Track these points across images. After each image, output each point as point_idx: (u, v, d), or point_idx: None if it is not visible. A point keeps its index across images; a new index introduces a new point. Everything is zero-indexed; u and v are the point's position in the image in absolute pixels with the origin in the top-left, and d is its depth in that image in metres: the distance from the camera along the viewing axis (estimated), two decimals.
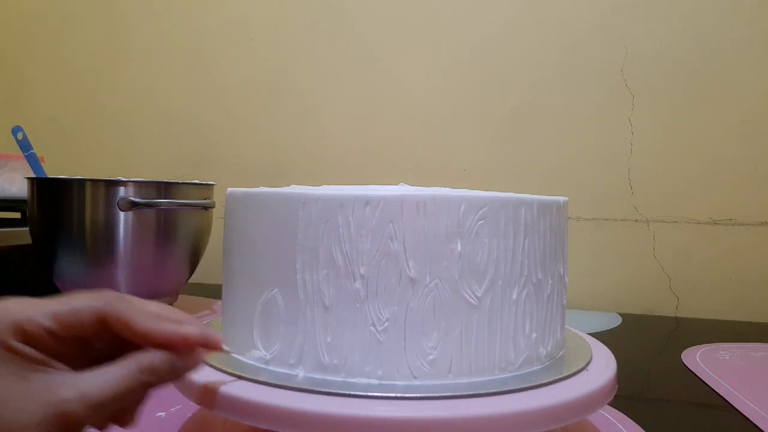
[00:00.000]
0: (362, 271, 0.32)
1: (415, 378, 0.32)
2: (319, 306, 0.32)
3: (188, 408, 0.44)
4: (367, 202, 0.32)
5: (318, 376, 0.32)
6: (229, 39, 1.12)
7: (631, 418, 0.45)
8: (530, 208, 0.35)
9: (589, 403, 0.32)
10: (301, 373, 0.32)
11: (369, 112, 1.05)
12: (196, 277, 0.83)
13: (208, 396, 0.31)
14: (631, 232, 0.94)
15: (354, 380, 0.32)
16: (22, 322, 0.24)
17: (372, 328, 0.32)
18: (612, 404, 0.44)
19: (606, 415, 0.45)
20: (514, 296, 0.34)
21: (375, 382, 0.32)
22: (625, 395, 0.39)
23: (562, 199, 0.38)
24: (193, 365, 0.28)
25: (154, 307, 0.28)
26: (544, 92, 0.97)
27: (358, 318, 0.32)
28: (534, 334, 0.35)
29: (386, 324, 0.32)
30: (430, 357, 0.32)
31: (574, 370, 0.35)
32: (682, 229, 0.93)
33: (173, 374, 0.27)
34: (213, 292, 0.90)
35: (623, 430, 0.43)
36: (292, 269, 0.33)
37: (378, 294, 0.32)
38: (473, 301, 0.33)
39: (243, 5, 1.11)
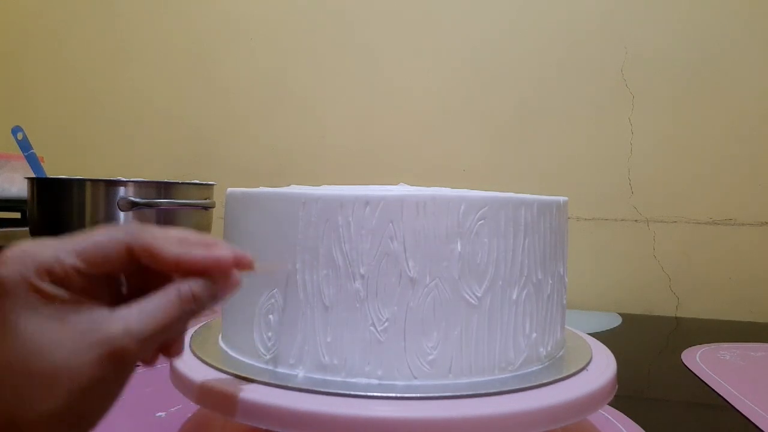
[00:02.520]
0: (362, 271, 0.32)
1: (415, 378, 0.32)
2: (319, 306, 0.32)
3: (188, 408, 0.44)
4: (367, 202, 0.32)
5: (318, 376, 0.32)
6: (229, 39, 1.12)
7: (631, 418, 0.45)
8: (530, 208, 0.35)
9: (589, 403, 0.32)
10: (301, 373, 0.32)
11: (369, 112, 1.05)
12: None
13: (208, 396, 0.31)
14: (631, 232, 0.94)
15: (354, 380, 0.32)
16: (48, 263, 0.23)
17: (372, 328, 0.32)
18: (612, 404, 0.44)
19: (606, 415, 0.45)
20: (514, 296, 0.34)
21: (375, 382, 0.32)
22: (625, 395, 0.39)
23: (562, 199, 0.38)
24: (232, 287, 0.27)
25: (178, 233, 0.26)
26: (544, 92, 0.97)
27: (358, 318, 0.32)
28: (534, 334, 0.35)
29: (386, 324, 0.32)
30: (430, 357, 0.32)
31: (574, 370, 0.35)
32: (682, 229, 0.93)
33: (214, 299, 0.26)
34: None
35: (623, 430, 0.43)
36: (293, 269, 0.33)
37: (378, 294, 0.32)
38: (473, 301, 0.33)
39: (243, 5, 1.11)
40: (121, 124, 1.19)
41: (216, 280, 0.26)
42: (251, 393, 0.30)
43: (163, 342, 0.26)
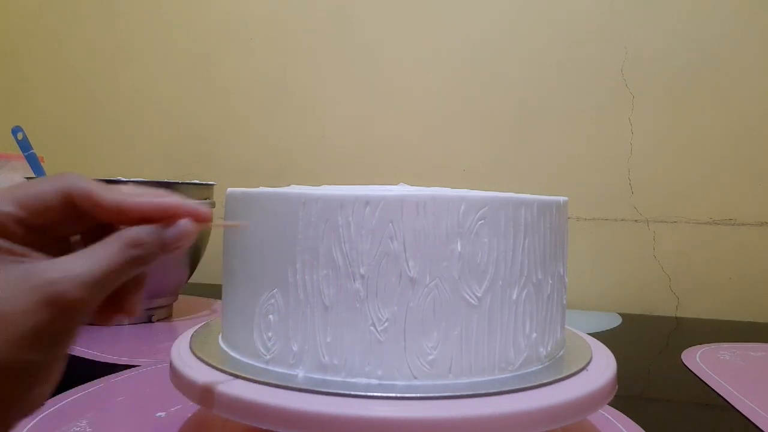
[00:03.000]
0: (362, 271, 0.32)
1: (415, 378, 0.32)
2: (319, 306, 0.32)
3: (188, 408, 0.44)
4: (367, 202, 0.32)
5: (318, 376, 0.32)
6: (229, 39, 1.12)
7: (631, 418, 0.45)
8: (530, 208, 0.35)
9: (589, 403, 0.32)
10: (301, 373, 0.32)
11: (369, 112, 1.05)
12: (196, 277, 0.83)
13: (208, 396, 0.31)
14: (631, 232, 0.94)
15: (354, 380, 0.32)
16: None
17: (372, 328, 0.32)
18: (612, 404, 0.44)
19: (606, 415, 0.45)
20: (514, 296, 0.34)
21: (375, 382, 0.32)
22: (625, 395, 0.39)
23: (562, 199, 0.38)
24: (183, 236, 0.25)
25: (127, 187, 0.25)
26: (544, 92, 0.97)
27: (358, 318, 0.32)
28: (534, 334, 0.35)
29: (386, 324, 0.32)
30: (430, 357, 0.32)
31: (574, 370, 0.35)
32: (682, 229, 0.93)
33: (163, 246, 0.25)
34: (213, 292, 0.90)
35: (623, 430, 0.43)
36: (292, 269, 0.33)
37: (378, 294, 0.32)
38: (473, 301, 0.33)
39: (243, 5, 1.11)
40: (121, 124, 1.19)
41: (164, 227, 0.25)
42: (251, 393, 0.30)
43: (117, 299, 0.25)
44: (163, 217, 0.25)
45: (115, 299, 0.25)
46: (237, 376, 0.32)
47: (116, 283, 0.24)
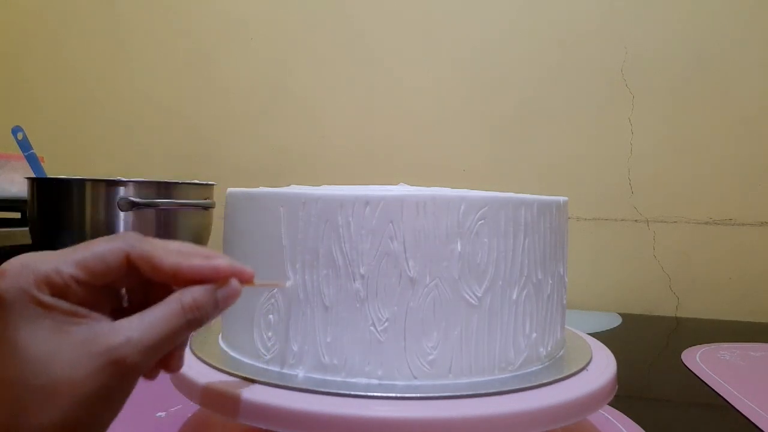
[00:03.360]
0: (362, 271, 0.32)
1: (415, 378, 0.32)
2: (319, 306, 0.32)
3: (188, 408, 0.44)
4: (367, 202, 0.32)
5: (318, 376, 0.32)
6: (229, 39, 1.12)
7: (631, 418, 0.45)
8: (530, 208, 0.35)
9: (589, 403, 0.32)
10: (301, 373, 0.32)
11: (369, 112, 1.05)
12: None
13: (208, 396, 0.31)
14: (631, 232, 0.94)
15: (354, 380, 0.32)
16: (48, 274, 0.23)
17: (372, 328, 0.32)
18: (612, 404, 0.44)
19: (606, 415, 0.45)
20: (514, 296, 0.34)
21: (375, 382, 0.32)
22: (625, 395, 0.39)
23: (562, 199, 0.38)
24: (232, 296, 0.27)
25: (177, 245, 0.27)
26: (544, 92, 0.97)
27: (358, 318, 0.32)
28: (534, 334, 0.35)
29: (386, 324, 0.32)
30: (431, 357, 0.32)
31: (574, 370, 0.35)
32: (682, 229, 0.93)
33: (217, 308, 0.26)
34: None
35: (623, 430, 0.43)
36: (293, 269, 0.33)
37: (378, 294, 0.32)
38: (473, 301, 0.33)
39: (243, 5, 1.11)
40: (121, 124, 1.19)
41: (217, 288, 0.26)
42: (251, 393, 0.30)
43: (165, 355, 0.26)
44: (214, 279, 0.26)
45: (163, 356, 0.26)
46: (237, 376, 0.32)
47: (172, 344, 0.25)
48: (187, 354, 0.36)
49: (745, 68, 0.90)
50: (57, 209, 0.69)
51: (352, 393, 0.30)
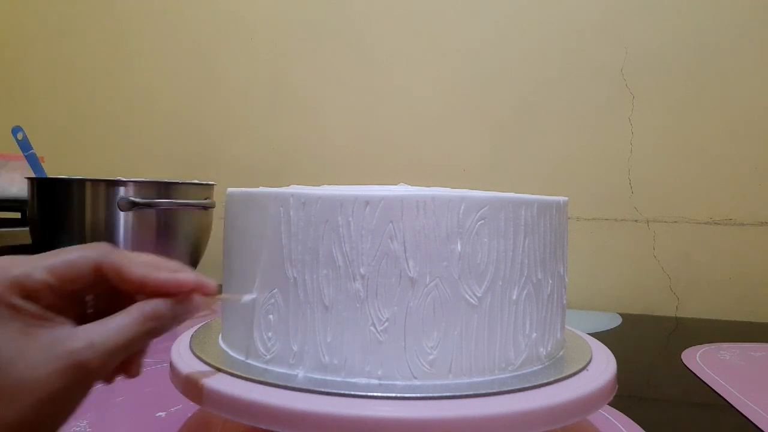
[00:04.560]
0: (362, 271, 0.32)
1: (415, 378, 0.32)
2: (319, 306, 0.32)
3: (188, 408, 0.44)
4: (367, 202, 0.32)
5: (318, 376, 0.32)
6: (229, 39, 1.12)
7: (631, 418, 0.45)
8: (530, 208, 0.35)
9: (589, 403, 0.32)
10: (301, 373, 0.32)
11: (369, 111, 1.05)
12: None
13: (207, 396, 0.31)
14: (631, 232, 0.94)
15: (354, 380, 0.32)
16: (20, 279, 0.24)
17: (372, 328, 0.32)
18: (612, 404, 0.44)
19: (606, 415, 0.45)
20: (514, 296, 0.34)
21: (375, 382, 0.32)
22: (625, 395, 0.39)
23: (562, 199, 0.38)
24: (192, 310, 0.28)
25: (146, 257, 0.28)
26: (544, 92, 0.97)
27: (358, 318, 0.32)
28: (534, 334, 0.35)
29: (386, 324, 0.32)
30: (431, 357, 0.32)
31: (574, 370, 0.34)
32: (682, 229, 0.93)
33: (175, 320, 0.28)
34: None
35: (623, 430, 0.43)
36: (292, 269, 0.33)
37: (378, 294, 0.32)
38: (473, 301, 0.33)
39: (243, 5, 1.11)
40: (121, 124, 1.19)
41: (178, 301, 0.28)
42: (251, 393, 0.30)
43: (124, 361, 0.27)
44: (177, 292, 0.28)
45: (123, 362, 0.27)
46: (237, 376, 0.32)
47: (132, 350, 0.26)
48: (187, 354, 0.36)
49: (745, 68, 0.90)
50: (57, 209, 0.70)
51: (352, 393, 0.30)
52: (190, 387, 0.32)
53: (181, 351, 0.37)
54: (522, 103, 0.98)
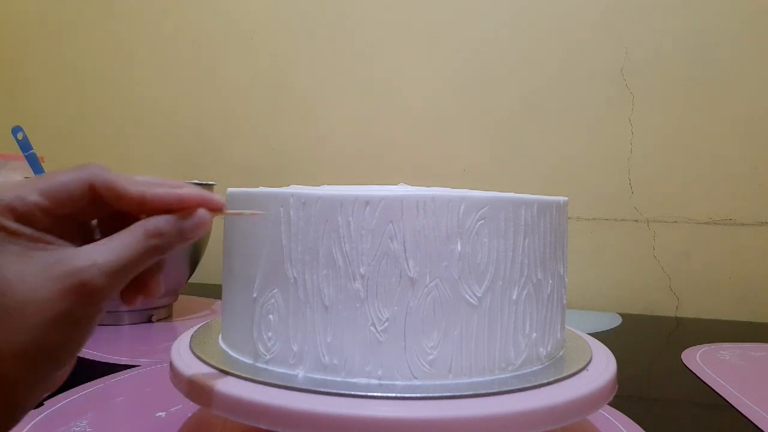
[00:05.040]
0: (362, 271, 0.32)
1: (415, 378, 0.32)
2: (319, 306, 0.32)
3: (188, 408, 0.44)
4: (367, 202, 0.32)
5: (318, 376, 0.32)
6: (230, 39, 1.12)
7: (631, 418, 0.45)
8: (530, 208, 0.35)
9: (589, 403, 0.32)
10: (301, 373, 0.32)
11: (369, 112, 1.05)
12: (196, 277, 0.83)
13: (207, 396, 0.31)
14: (631, 232, 0.94)
15: (354, 380, 0.32)
16: (11, 202, 0.23)
17: (372, 328, 0.32)
18: (612, 404, 0.44)
19: (606, 415, 0.45)
20: (514, 296, 0.34)
21: (375, 382, 0.32)
22: (625, 395, 0.39)
23: (562, 199, 0.38)
24: (199, 226, 0.27)
25: (143, 177, 0.27)
26: (544, 92, 0.97)
27: (358, 318, 0.32)
28: (534, 334, 0.35)
29: (386, 324, 0.32)
30: (430, 357, 0.32)
31: (574, 370, 0.35)
32: (682, 229, 0.93)
33: (181, 236, 0.26)
34: (213, 292, 0.90)
35: (623, 430, 0.43)
36: (292, 269, 0.33)
37: (378, 294, 0.32)
38: (473, 301, 0.33)
39: (243, 5, 1.11)
40: (121, 124, 1.19)
41: (182, 217, 0.26)
42: (251, 393, 0.30)
43: (140, 281, 0.26)
44: (181, 208, 0.26)
45: (137, 282, 0.27)
46: (237, 376, 0.32)
47: (137, 270, 0.25)
48: (187, 354, 0.36)
49: (745, 68, 0.90)
50: None
51: (353, 393, 0.30)
52: (191, 387, 0.32)
53: (181, 351, 0.37)
54: (522, 103, 0.98)
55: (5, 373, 0.22)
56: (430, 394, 0.30)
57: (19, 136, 0.77)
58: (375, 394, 0.30)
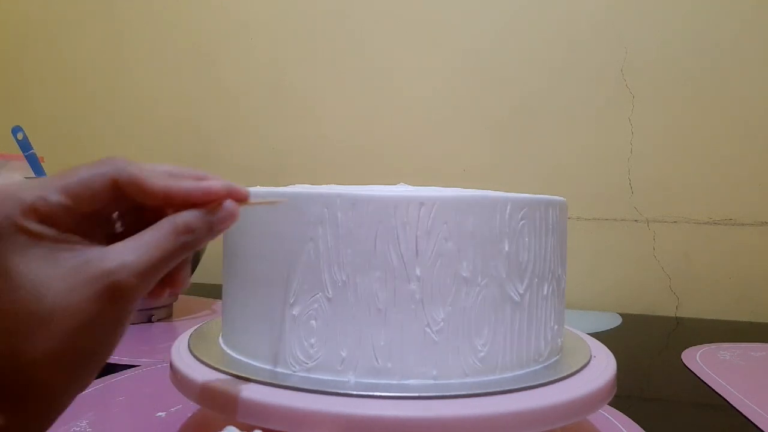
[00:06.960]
0: (418, 272, 0.32)
1: (467, 376, 0.32)
2: (371, 309, 0.32)
3: (188, 408, 0.44)
4: (421, 203, 0.31)
5: (371, 380, 0.32)
6: (230, 39, 1.12)
7: (631, 418, 0.45)
8: (555, 208, 0.37)
9: (589, 403, 0.32)
10: (352, 379, 0.32)
11: (369, 111, 1.05)
12: (196, 277, 0.83)
13: (207, 396, 0.31)
14: (631, 232, 0.94)
15: (408, 382, 0.32)
16: (33, 202, 0.22)
17: (428, 329, 0.32)
18: (612, 404, 0.44)
19: (606, 415, 0.45)
20: (545, 292, 0.36)
21: (431, 382, 0.32)
22: (625, 395, 0.39)
23: (561, 199, 0.39)
24: (229, 218, 0.26)
25: (167, 167, 0.26)
26: (544, 92, 0.97)
27: (414, 320, 0.32)
28: (556, 326, 0.37)
29: (441, 324, 0.32)
30: (481, 354, 0.33)
31: (574, 370, 0.35)
32: (682, 229, 0.93)
33: (211, 230, 0.25)
34: (213, 292, 0.90)
35: (623, 430, 0.43)
36: (340, 272, 0.32)
37: (433, 295, 0.32)
38: (516, 298, 0.34)
39: (243, 5, 1.11)
40: (121, 124, 1.19)
41: (211, 211, 0.25)
42: (251, 393, 0.30)
43: (168, 275, 0.26)
44: (207, 201, 0.25)
45: (165, 276, 0.26)
46: (236, 376, 0.32)
47: (168, 268, 0.24)
48: (187, 354, 0.36)
49: (745, 68, 0.90)
50: None
51: (352, 392, 0.30)
52: (191, 387, 0.32)
53: (181, 351, 0.37)
54: (522, 103, 0.98)
55: (43, 379, 0.22)
56: (430, 394, 0.30)
57: (19, 136, 0.77)
58: (374, 393, 0.30)
